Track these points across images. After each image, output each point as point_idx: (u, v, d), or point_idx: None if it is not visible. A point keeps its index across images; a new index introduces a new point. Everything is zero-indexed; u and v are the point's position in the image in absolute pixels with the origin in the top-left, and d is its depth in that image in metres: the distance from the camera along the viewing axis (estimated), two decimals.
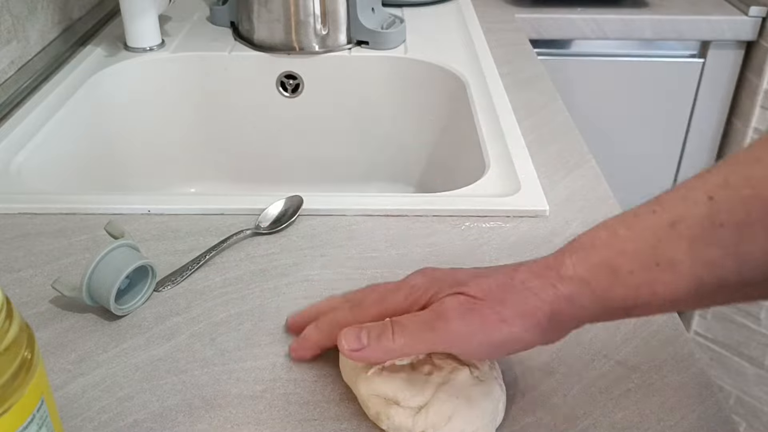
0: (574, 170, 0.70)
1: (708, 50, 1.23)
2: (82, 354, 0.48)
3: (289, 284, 0.54)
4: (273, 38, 0.97)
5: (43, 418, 0.33)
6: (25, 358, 0.31)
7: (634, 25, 1.21)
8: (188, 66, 0.97)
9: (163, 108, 0.98)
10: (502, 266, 0.42)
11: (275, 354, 0.48)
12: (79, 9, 1.03)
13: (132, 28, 0.95)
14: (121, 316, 0.51)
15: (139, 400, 0.44)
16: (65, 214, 0.63)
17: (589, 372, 0.47)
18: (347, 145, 1.02)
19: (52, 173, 0.77)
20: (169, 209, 0.63)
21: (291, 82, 0.99)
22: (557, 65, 1.22)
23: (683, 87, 1.25)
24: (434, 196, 0.65)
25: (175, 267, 0.56)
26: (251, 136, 1.02)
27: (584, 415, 0.44)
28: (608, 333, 0.50)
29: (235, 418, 0.43)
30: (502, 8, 1.21)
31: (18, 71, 0.85)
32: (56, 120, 0.79)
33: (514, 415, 0.43)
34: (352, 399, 0.44)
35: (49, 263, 0.57)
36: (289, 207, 0.63)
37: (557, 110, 0.83)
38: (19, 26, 0.86)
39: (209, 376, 0.46)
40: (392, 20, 1.02)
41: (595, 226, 0.39)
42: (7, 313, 0.31)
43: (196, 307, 0.52)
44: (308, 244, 0.59)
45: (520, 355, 0.48)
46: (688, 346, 0.49)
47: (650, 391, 0.45)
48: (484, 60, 0.95)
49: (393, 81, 0.97)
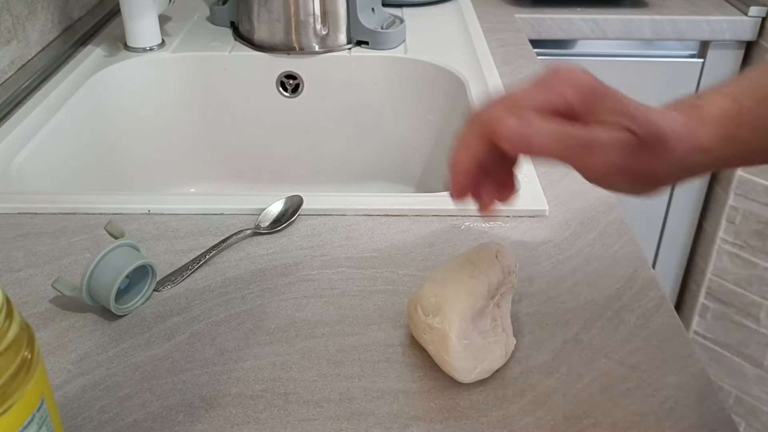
0: (573, 170, 0.70)
1: (708, 50, 1.23)
2: (82, 354, 0.48)
3: (289, 284, 0.55)
4: (273, 38, 0.97)
5: (43, 418, 0.33)
6: (25, 358, 0.31)
7: (633, 25, 1.21)
8: (188, 66, 0.97)
9: (163, 108, 0.98)
10: None
11: (275, 354, 0.48)
12: (79, 9, 1.03)
13: (132, 28, 0.95)
14: (121, 316, 0.51)
15: (139, 400, 0.44)
16: (65, 213, 0.63)
17: (589, 372, 0.47)
18: (347, 145, 1.02)
19: (52, 173, 0.77)
20: (169, 209, 0.63)
21: (291, 82, 0.99)
22: None
23: (683, 87, 1.25)
24: (434, 196, 0.65)
25: (175, 267, 0.56)
26: (251, 136, 1.02)
27: (584, 415, 0.44)
28: (608, 333, 0.50)
29: (235, 417, 0.43)
30: (502, 8, 1.21)
31: (18, 71, 0.85)
32: (56, 120, 0.79)
33: (513, 414, 0.44)
34: (352, 399, 0.44)
35: (49, 263, 0.57)
36: (289, 207, 0.63)
37: None
38: (19, 26, 0.86)
39: (209, 376, 0.46)
40: (392, 20, 1.02)
41: (708, 92, 0.43)
42: (7, 313, 0.31)
43: (196, 307, 0.52)
44: (308, 244, 0.59)
45: (520, 354, 0.48)
46: (688, 346, 0.49)
47: (650, 391, 0.45)
48: (483, 60, 0.95)
49: (393, 81, 0.97)
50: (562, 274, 0.56)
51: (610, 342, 0.49)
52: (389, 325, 0.50)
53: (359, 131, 1.01)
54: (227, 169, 1.04)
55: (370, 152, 1.02)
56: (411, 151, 0.99)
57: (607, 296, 0.53)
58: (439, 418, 0.43)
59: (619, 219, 0.62)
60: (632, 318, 0.51)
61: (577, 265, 0.56)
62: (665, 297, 0.53)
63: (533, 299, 0.53)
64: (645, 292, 0.54)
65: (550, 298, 0.53)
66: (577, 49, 1.26)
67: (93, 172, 0.86)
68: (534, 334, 0.50)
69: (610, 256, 0.58)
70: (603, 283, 0.55)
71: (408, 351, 0.48)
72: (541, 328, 0.50)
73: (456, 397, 0.45)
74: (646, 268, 0.56)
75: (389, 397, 0.45)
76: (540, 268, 0.56)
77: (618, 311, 0.52)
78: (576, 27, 1.21)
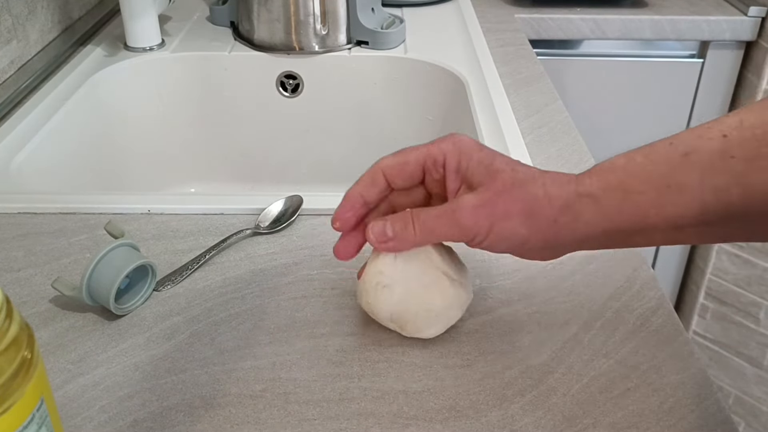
0: (573, 170, 0.69)
1: (707, 50, 1.23)
2: (82, 354, 0.48)
3: (289, 284, 0.55)
4: (273, 38, 0.97)
5: (43, 417, 0.33)
6: (25, 358, 0.31)
7: (633, 25, 1.21)
8: (188, 66, 0.97)
9: (163, 108, 0.98)
10: (526, 165, 0.45)
11: (275, 354, 0.48)
12: (79, 9, 1.03)
13: (132, 27, 0.95)
14: (121, 316, 0.51)
15: (138, 400, 0.44)
16: (65, 213, 0.63)
17: (589, 372, 0.47)
18: (347, 144, 1.02)
19: (52, 173, 0.77)
20: (169, 209, 0.63)
21: (291, 82, 0.99)
22: (557, 65, 1.23)
23: (683, 87, 1.26)
24: None
25: (175, 267, 0.56)
26: (251, 136, 1.02)
27: (584, 414, 0.44)
28: (608, 333, 0.50)
29: (234, 417, 0.43)
30: (502, 8, 1.21)
31: (18, 71, 0.85)
32: (56, 120, 0.79)
33: (513, 414, 0.44)
34: (352, 399, 0.44)
35: (49, 263, 0.57)
36: (289, 207, 0.63)
37: (557, 110, 0.83)
38: (19, 26, 0.86)
39: (209, 376, 0.46)
40: (392, 20, 1.02)
41: (617, 155, 0.42)
42: (7, 313, 0.31)
43: (196, 306, 0.52)
44: (308, 244, 0.59)
45: (520, 354, 0.48)
46: (688, 346, 0.49)
47: (650, 391, 0.45)
48: (483, 60, 0.95)
49: (393, 81, 0.97)
50: (562, 274, 0.56)
51: (610, 342, 0.49)
52: None
53: (359, 131, 1.01)
54: (227, 169, 1.04)
55: (370, 152, 1.01)
56: None
57: (607, 296, 0.53)
58: (439, 418, 0.43)
59: None
60: (632, 318, 0.51)
61: (577, 265, 0.56)
62: (665, 297, 0.53)
63: (533, 299, 0.53)
64: (645, 292, 0.54)
65: (550, 298, 0.53)
66: (576, 49, 1.26)
67: (93, 172, 0.87)
68: (534, 334, 0.50)
69: (610, 256, 0.58)
70: (603, 283, 0.55)
71: (408, 351, 0.48)
72: (541, 328, 0.50)
73: (456, 397, 0.45)
74: (645, 268, 0.56)
75: (389, 397, 0.45)
76: (540, 268, 0.56)
77: (618, 311, 0.52)
78: (576, 27, 1.21)
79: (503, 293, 0.53)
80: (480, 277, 0.55)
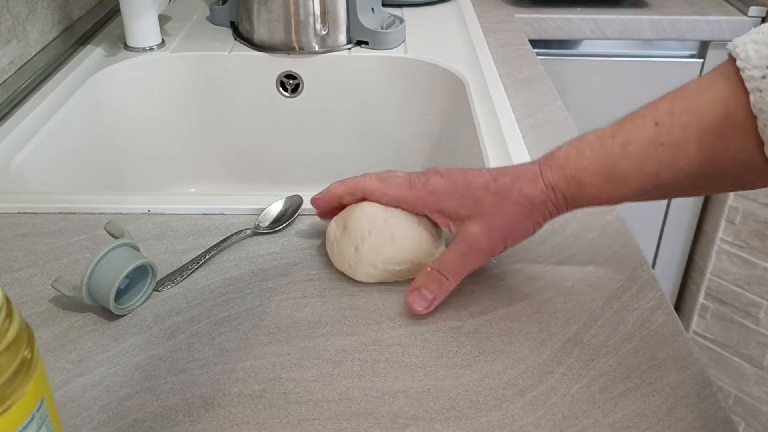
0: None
1: (707, 50, 1.23)
2: (82, 354, 0.48)
3: (289, 284, 0.55)
4: (273, 38, 0.97)
5: (43, 417, 0.33)
6: (25, 358, 0.31)
7: (633, 25, 1.21)
8: (188, 66, 0.97)
9: (163, 108, 0.98)
10: (491, 172, 0.52)
11: (275, 354, 0.48)
12: (79, 9, 1.03)
13: (132, 27, 0.95)
14: (121, 316, 0.51)
15: (138, 400, 0.44)
16: (65, 213, 0.63)
17: (589, 372, 0.47)
18: (347, 145, 1.02)
19: (52, 173, 0.77)
20: (169, 209, 0.63)
21: (291, 82, 0.99)
22: (557, 65, 1.23)
23: None
24: None
25: (175, 267, 0.56)
26: (251, 136, 1.02)
27: (584, 414, 0.44)
28: (608, 332, 0.50)
29: (234, 417, 0.43)
30: (502, 8, 1.21)
31: (18, 71, 0.85)
32: (56, 120, 0.79)
33: (513, 414, 0.44)
34: (352, 399, 0.44)
35: (49, 263, 0.57)
36: (289, 207, 0.63)
37: (557, 110, 0.83)
38: (19, 26, 0.86)
39: (209, 376, 0.46)
40: (392, 20, 1.02)
41: (567, 143, 0.50)
42: (7, 313, 0.31)
43: (196, 306, 0.52)
44: (308, 244, 0.59)
45: (519, 354, 0.48)
46: (688, 346, 0.49)
47: (650, 391, 0.45)
48: (483, 60, 0.95)
49: (393, 81, 0.97)
50: (562, 274, 0.56)
51: (610, 342, 0.49)
52: (389, 325, 0.50)
53: (359, 131, 1.01)
54: (227, 169, 1.04)
55: (370, 152, 1.02)
56: (411, 151, 0.99)
57: (607, 296, 0.53)
58: (439, 418, 0.43)
59: (619, 219, 0.62)
60: (632, 318, 0.51)
61: (577, 265, 0.56)
62: (665, 297, 0.53)
63: (533, 299, 0.53)
64: (645, 292, 0.54)
65: (550, 298, 0.53)
66: (576, 50, 1.26)
67: (93, 172, 0.87)
68: (534, 334, 0.50)
69: (610, 256, 0.58)
70: (603, 283, 0.55)
71: (408, 351, 0.48)
72: (541, 328, 0.50)
73: (456, 397, 0.45)
74: (645, 268, 0.56)
75: (389, 397, 0.45)
76: (540, 267, 0.56)
77: (618, 311, 0.52)
78: (576, 27, 1.21)
79: (503, 293, 0.53)
80: (480, 276, 0.55)
